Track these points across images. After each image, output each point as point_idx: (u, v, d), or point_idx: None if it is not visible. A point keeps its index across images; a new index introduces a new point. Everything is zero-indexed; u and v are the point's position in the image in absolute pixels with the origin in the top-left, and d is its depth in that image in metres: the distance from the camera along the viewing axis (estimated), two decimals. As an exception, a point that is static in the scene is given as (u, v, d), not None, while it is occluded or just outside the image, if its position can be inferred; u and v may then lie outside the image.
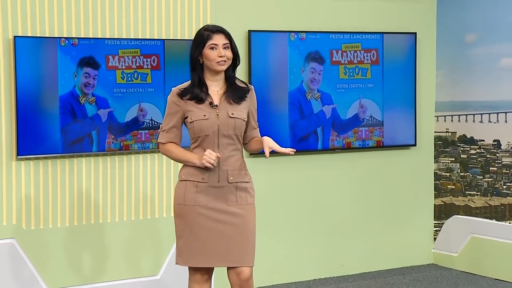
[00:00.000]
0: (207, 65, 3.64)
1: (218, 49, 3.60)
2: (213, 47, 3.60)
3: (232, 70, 3.70)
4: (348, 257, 5.89)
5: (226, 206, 3.64)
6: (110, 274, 5.05)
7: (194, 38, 3.69)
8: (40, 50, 4.73)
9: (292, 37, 5.54)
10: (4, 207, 4.71)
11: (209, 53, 3.60)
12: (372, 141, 5.90)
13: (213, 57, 3.59)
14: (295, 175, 5.67)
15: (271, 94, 5.49)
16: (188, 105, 3.64)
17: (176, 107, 3.66)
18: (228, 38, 3.64)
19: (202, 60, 3.64)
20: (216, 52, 3.60)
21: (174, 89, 3.69)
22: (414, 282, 5.67)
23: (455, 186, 6.14)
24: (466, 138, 6.05)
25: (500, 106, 5.80)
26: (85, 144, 4.90)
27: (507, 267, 5.67)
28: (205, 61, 3.63)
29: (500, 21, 5.73)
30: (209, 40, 3.60)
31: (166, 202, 5.17)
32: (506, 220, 5.73)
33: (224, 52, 3.61)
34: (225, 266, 3.68)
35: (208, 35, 3.62)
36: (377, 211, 6.00)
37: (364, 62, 5.84)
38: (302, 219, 5.70)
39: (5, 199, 4.70)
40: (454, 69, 6.11)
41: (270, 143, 3.65)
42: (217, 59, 3.60)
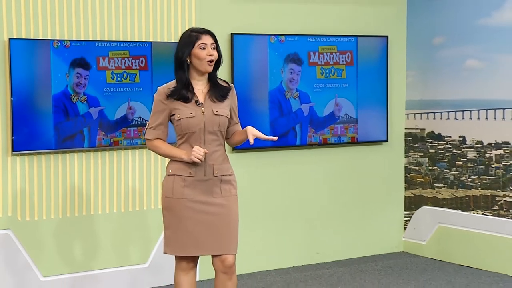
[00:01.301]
0: (195, 64, 3.62)
1: (207, 48, 3.60)
2: (203, 47, 3.60)
3: (215, 70, 3.69)
4: (324, 246, 5.90)
5: (211, 198, 3.65)
6: (101, 263, 5.05)
7: (181, 40, 3.67)
8: (34, 51, 4.72)
9: (272, 40, 5.54)
10: (0, 200, 4.71)
11: (199, 53, 3.59)
12: (347, 137, 5.91)
13: (203, 56, 3.59)
14: (275, 169, 5.67)
15: (253, 93, 5.49)
16: (175, 103, 3.63)
17: (163, 106, 3.64)
18: (214, 39, 3.65)
19: (190, 60, 3.62)
20: (206, 51, 3.59)
21: (161, 89, 3.67)
22: (385, 268, 5.69)
23: (423, 179, 6.17)
24: (434, 134, 6.07)
25: (466, 105, 5.82)
26: (77, 141, 4.89)
27: (471, 254, 5.70)
28: (194, 60, 3.61)
29: (466, 25, 5.74)
30: (198, 41, 3.60)
31: (154, 195, 5.17)
32: (471, 210, 5.77)
33: (213, 52, 3.62)
34: (210, 254, 3.69)
35: (197, 35, 3.61)
36: (352, 202, 6.02)
37: (340, 63, 5.84)
38: (281, 210, 5.71)
39: (1, 192, 4.70)
40: (423, 70, 6.13)
41: (253, 131, 3.66)
42: (207, 58, 3.59)
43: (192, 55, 3.61)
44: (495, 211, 5.59)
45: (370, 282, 5.28)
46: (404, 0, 6.13)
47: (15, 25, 4.67)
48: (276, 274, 5.51)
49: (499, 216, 5.55)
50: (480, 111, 5.72)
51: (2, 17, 4.63)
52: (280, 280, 5.33)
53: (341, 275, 5.49)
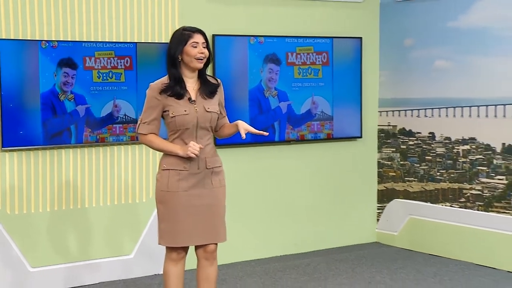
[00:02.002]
0: (186, 62, 3.61)
1: (198, 46, 3.59)
2: (194, 45, 3.59)
3: (205, 67, 3.70)
4: (301, 237, 5.92)
5: (203, 190, 3.65)
6: (88, 254, 5.04)
7: (173, 38, 3.65)
8: (22, 51, 4.70)
9: (252, 41, 5.54)
10: None
11: (190, 50, 3.58)
12: (323, 134, 5.92)
13: (194, 53, 3.58)
14: (255, 164, 5.68)
15: (233, 92, 5.47)
16: (168, 100, 3.61)
17: (157, 101, 3.61)
18: (205, 38, 3.65)
19: (182, 57, 3.61)
20: (197, 49, 3.59)
21: (153, 85, 3.65)
22: (359, 258, 5.71)
23: (395, 173, 6.19)
24: (405, 130, 6.09)
25: (435, 103, 5.84)
26: (65, 137, 4.88)
27: (440, 244, 5.75)
28: (185, 58, 3.60)
29: (434, 27, 5.77)
30: (190, 39, 3.59)
31: (138, 189, 5.16)
32: (440, 202, 5.80)
33: (204, 50, 3.61)
34: (202, 243, 3.68)
35: (189, 34, 3.61)
36: (327, 196, 6.04)
37: (316, 63, 5.85)
38: (260, 203, 5.72)
39: None
40: (395, 70, 6.14)
41: (245, 125, 3.68)
42: (198, 55, 3.58)
43: (184, 53, 3.60)
44: (462, 203, 5.63)
45: (344, 271, 5.30)
46: (377, 4, 6.16)
47: (4, 25, 4.65)
48: (255, 264, 5.53)
49: (466, 208, 5.59)
50: (448, 109, 5.76)
51: (-9, 19, 4.64)
52: (259, 270, 5.35)
53: (317, 264, 5.51)
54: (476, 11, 5.49)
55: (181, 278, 3.73)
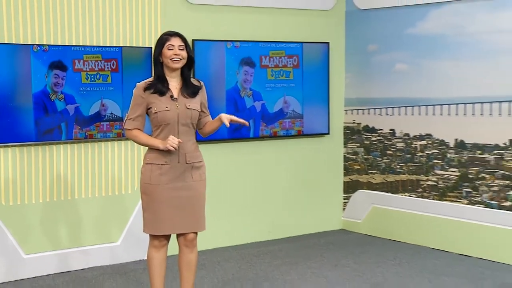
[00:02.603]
0: (165, 62, 3.61)
1: (174, 49, 3.58)
2: (170, 48, 3.58)
3: (187, 69, 3.68)
4: (274, 225, 5.93)
5: (184, 183, 3.64)
6: (78, 242, 5.02)
7: (156, 42, 3.67)
8: (16, 55, 4.65)
9: (229, 45, 5.53)
10: None
11: (166, 52, 3.58)
12: (294, 130, 5.92)
13: (169, 55, 3.58)
14: (232, 159, 5.67)
15: (212, 92, 5.33)
16: (152, 97, 3.60)
17: (141, 99, 3.61)
18: (184, 41, 3.63)
19: (162, 58, 3.61)
20: (172, 51, 3.58)
21: (139, 84, 3.65)
22: (327, 244, 5.74)
23: (360, 167, 6.21)
24: (369, 127, 6.11)
25: (395, 102, 5.87)
26: (56, 134, 4.84)
27: (399, 230, 5.79)
28: (163, 59, 3.60)
29: (395, 34, 5.80)
30: (167, 42, 3.59)
31: (124, 181, 5.14)
32: (399, 193, 5.84)
33: (179, 52, 3.59)
34: (182, 232, 3.68)
35: (166, 38, 3.61)
36: (298, 187, 6.04)
37: (287, 66, 5.85)
38: (237, 194, 5.71)
39: None
40: (359, 72, 6.14)
41: (227, 115, 3.67)
42: (172, 57, 3.57)
43: (162, 54, 3.60)
44: (419, 193, 5.67)
45: (313, 256, 5.33)
46: (343, 12, 6.15)
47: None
48: (232, 250, 5.53)
49: (422, 197, 5.64)
50: (407, 108, 5.78)
51: (-14, 24, 4.58)
52: (236, 255, 5.35)
53: (288, 250, 5.52)
54: (432, 19, 5.53)
55: (163, 263, 3.73)
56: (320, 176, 6.18)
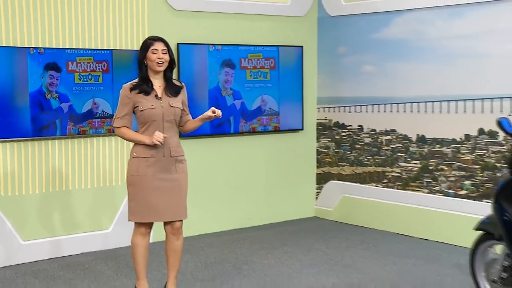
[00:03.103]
0: (149, 65, 3.62)
1: (157, 53, 3.59)
2: (154, 52, 3.59)
3: (170, 71, 3.69)
4: (252, 213, 5.93)
5: (168, 175, 3.65)
6: (72, 229, 5.02)
7: (140, 46, 3.68)
8: (13, 57, 4.65)
9: (211, 48, 5.53)
10: None
11: (151, 56, 3.59)
12: (271, 126, 5.94)
13: (153, 58, 3.59)
14: (214, 152, 5.68)
15: (195, 91, 5.44)
16: (138, 97, 3.61)
17: (128, 99, 3.62)
18: (166, 45, 3.64)
19: (146, 61, 3.61)
20: (156, 55, 3.59)
21: (126, 85, 3.66)
22: (300, 230, 5.77)
23: (331, 159, 6.22)
24: (339, 124, 6.14)
25: (363, 101, 5.89)
26: (51, 130, 4.84)
27: (367, 217, 5.84)
28: (148, 62, 3.62)
29: (362, 38, 5.83)
30: (151, 46, 3.61)
31: (114, 174, 5.13)
32: (367, 183, 5.89)
33: (163, 56, 3.60)
34: (165, 220, 3.69)
35: (150, 42, 3.63)
36: (274, 178, 6.05)
37: (265, 68, 5.85)
38: (218, 184, 5.72)
39: None
40: (330, 73, 6.15)
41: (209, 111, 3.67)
42: (157, 60, 3.59)
43: (147, 57, 3.61)
44: (385, 183, 5.73)
45: (289, 241, 5.36)
46: (315, 18, 6.17)
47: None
48: (213, 236, 5.54)
49: (387, 187, 5.70)
50: (374, 106, 5.81)
51: (-14, 28, 4.54)
52: (217, 241, 5.37)
53: (266, 236, 5.55)
54: (396, 26, 5.58)
55: (147, 248, 3.75)
56: (295, 168, 6.18)
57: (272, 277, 4.42)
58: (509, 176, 3.44)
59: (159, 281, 4.23)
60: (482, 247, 3.71)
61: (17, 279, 4.43)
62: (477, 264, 3.74)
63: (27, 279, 4.43)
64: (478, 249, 3.73)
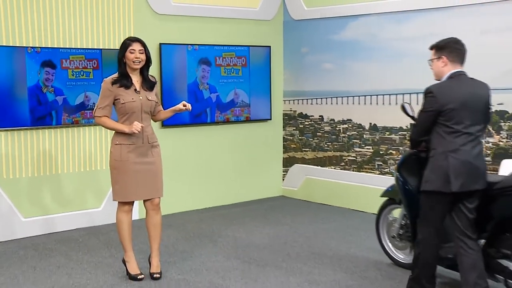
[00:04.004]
0: (127, 63, 3.62)
1: (135, 52, 3.59)
2: (132, 52, 3.59)
3: (146, 68, 3.70)
4: (226, 192, 5.97)
5: (146, 159, 3.70)
6: (67, 208, 5.05)
7: (120, 45, 3.68)
8: (13, 55, 4.64)
9: (189, 48, 5.51)
10: None
11: (128, 55, 3.59)
12: (243, 117, 5.97)
13: (131, 58, 3.60)
14: (192, 140, 5.70)
15: (176, 86, 5.46)
16: (119, 90, 3.60)
17: (109, 92, 3.61)
18: (143, 46, 3.64)
19: (125, 60, 3.62)
20: (133, 54, 3.58)
21: (107, 79, 3.65)
22: (269, 207, 5.84)
23: (295, 145, 6.27)
24: (302, 114, 6.18)
25: (323, 94, 5.95)
26: (47, 120, 4.85)
27: (327, 195, 5.93)
28: (126, 60, 3.61)
29: (322, 39, 5.89)
30: (129, 47, 3.60)
31: (105, 158, 5.12)
32: (327, 166, 5.97)
33: (139, 55, 3.59)
34: (145, 198, 3.73)
35: (128, 43, 3.63)
36: (246, 162, 6.10)
37: (237, 65, 5.87)
38: (196, 168, 5.74)
39: None
40: (295, 70, 6.19)
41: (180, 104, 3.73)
42: (134, 59, 3.59)
43: (125, 56, 3.60)
44: (342, 166, 5.82)
45: (258, 217, 5.40)
46: (281, 22, 6.21)
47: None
48: (191, 214, 5.56)
49: (344, 169, 5.79)
50: (332, 98, 5.88)
51: (-12, 30, 4.50)
52: (194, 218, 5.40)
53: (238, 212, 5.60)
54: (351, 29, 5.65)
55: (130, 224, 3.79)
56: (264, 153, 6.24)
57: (244, 248, 4.48)
58: (408, 152, 3.67)
59: (144, 253, 4.27)
60: (385, 211, 4.04)
61: (19, 251, 4.48)
62: (381, 225, 4.07)
63: (28, 251, 4.47)
64: (382, 212, 4.05)
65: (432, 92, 3.11)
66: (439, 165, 3.10)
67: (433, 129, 3.14)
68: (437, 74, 3.24)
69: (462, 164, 3.07)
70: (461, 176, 3.07)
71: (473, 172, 3.10)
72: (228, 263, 4.16)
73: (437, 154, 3.12)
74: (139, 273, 3.82)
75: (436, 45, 3.26)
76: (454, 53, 3.17)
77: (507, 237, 3.19)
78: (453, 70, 3.18)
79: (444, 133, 3.10)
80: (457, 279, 3.61)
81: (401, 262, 4.00)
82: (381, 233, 4.10)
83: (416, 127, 3.26)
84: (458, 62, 3.19)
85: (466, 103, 3.09)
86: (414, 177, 3.53)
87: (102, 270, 4.03)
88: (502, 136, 4.75)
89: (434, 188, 3.13)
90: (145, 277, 3.84)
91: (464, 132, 3.09)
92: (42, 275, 3.95)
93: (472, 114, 3.11)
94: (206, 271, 3.99)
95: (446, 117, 3.08)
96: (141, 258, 4.11)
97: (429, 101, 3.12)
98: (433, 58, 3.24)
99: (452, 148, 3.08)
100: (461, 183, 3.07)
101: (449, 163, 3.07)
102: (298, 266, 4.09)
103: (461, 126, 3.09)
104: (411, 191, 3.60)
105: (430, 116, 3.12)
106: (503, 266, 3.18)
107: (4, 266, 4.15)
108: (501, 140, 4.76)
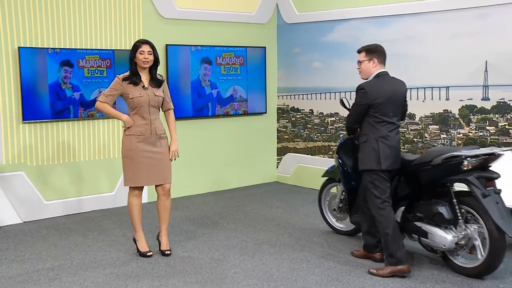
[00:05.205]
0: (138, 63, 3.66)
1: (144, 53, 3.63)
2: (141, 53, 3.64)
3: (154, 68, 3.73)
4: (226, 179, 6.03)
5: (154, 148, 3.73)
6: (83, 191, 5.10)
7: (131, 47, 3.73)
8: (35, 55, 4.69)
9: (193, 49, 5.58)
10: (15, 152, 4.72)
11: (138, 56, 3.64)
12: (241, 111, 5.99)
13: (140, 58, 3.64)
14: (196, 131, 5.73)
15: (180, 83, 5.51)
16: (128, 87, 3.65)
17: (119, 86, 3.66)
18: (152, 47, 3.68)
19: (135, 60, 3.67)
20: (143, 55, 3.63)
21: (120, 76, 3.70)
22: (265, 192, 5.88)
23: (288, 136, 6.30)
24: (294, 108, 6.22)
25: (313, 90, 5.99)
26: (66, 114, 4.90)
27: (317, 181, 5.44)
28: (137, 60, 3.66)
29: (313, 41, 5.92)
30: (139, 48, 3.65)
31: (118, 148, 5.19)
32: (316, 155, 6.01)
33: (148, 56, 3.64)
34: (155, 184, 3.77)
35: (138, 45, 3.68)
36: (244, 151, 6.14)
37: (236, 64, 5.90)
38: (200, 157, 5.78)
39: (16, 148, 4.73)
40: (288, 68, 6.21)
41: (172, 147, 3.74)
42: (143, 60, 3.63)
43: (135, 57, 3.65)
44: (330, 155, 5.84)
45: (255, 200, 5.44)
46: (275, 25, 6.18)
47: (22, 37, 4.68)
48: (194, 198, 5.62)
49: (332, 158, 5.67)
50: (321, 94, 5.92)
51: (13, 32, 4.60)
52: (199, 201, 5.46)
53: (237, 197, 5.65)
54: (338, 32, 5.71)
55: (140, 206, 3.84)
56: (260, 143, 6.28)
57: (242, 228, 4.53)
58: (345, 137, 3.98)
59: (153, 232, 4.32)
60: (326, 188, 4.39)
61: (42, 231, 4.56)
62: (323, 200, 4.41)
63: (49, 231, 4.55)
64: (323, 190, 4.39)
65: (364, 89, 3.43)
66: (372, 147, 3.41)
67: (364, 119, 3.44)
68: (366, 73, 3.53)
69: (389, 148, 3.42)
70: (389, 158, 3.41)
71: (397, 154, 3.48)
72: (228, 241, 4.20)
73: (370, 140, 3.43)
74: (148, 250, 3.88)
75: (366, 48, 3.53)
76: (382, 56, 3.49)
77: (421, 203, 3.53)
78: (379, 70, 3.47)
79: (374, 122, 3.42)
80: (418, 252, 3.69)
81: (341, 230, 4.33)
82: (323, 207, 4.42)
83: (351, 117, 3.56)
84: (383, 63, 3.51)
85: (390, 98, 3.41)
86: (350, 158, 3.90)
87: (115, 247, 4.09)
88: (471, 128, 4.84)
89: (368, 167, 3.45)
90: (154, 254, 3.89)
91: (389, 122, 3.43)
92: (62, 252, 4.03)
93: (394, 107, 3.45)
94: (208, 249, 4.04)
95: (375, 110, 3.41)
96: (150, 238, 4.17)
97: (361, 96, 3.43)
98: (365, 60, 3.49)
99: (381, 134, 3.42)
100: (389, 163, 3.41)
101: (379, 147, 3.39)
102: (291, 244, 4.14)
103: (387, 117, 3.42)
104: (347, 170, 3.94)
105: (362, 109, 3.45)
106: (417, 227, 3.53)
107: (29, 243, 4.24)
108: (470, 132, 4.85)
